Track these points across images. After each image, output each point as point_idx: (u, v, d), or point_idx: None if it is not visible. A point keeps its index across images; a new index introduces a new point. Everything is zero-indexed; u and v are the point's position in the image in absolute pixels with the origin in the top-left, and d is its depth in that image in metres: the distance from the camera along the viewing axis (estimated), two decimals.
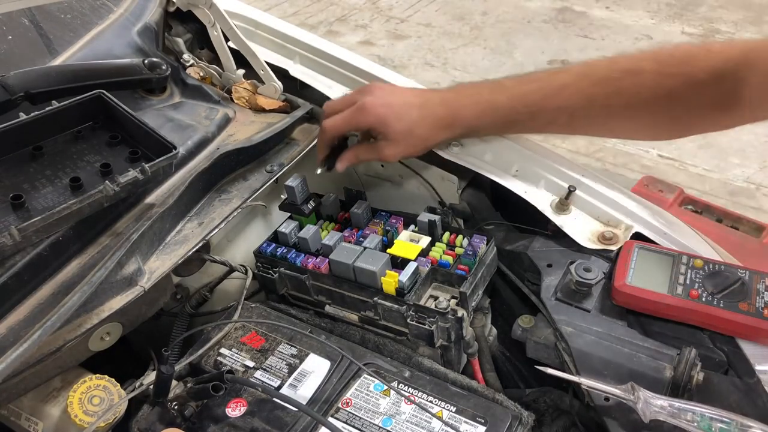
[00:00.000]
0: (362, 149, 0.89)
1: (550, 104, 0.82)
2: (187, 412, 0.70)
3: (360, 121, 0.85)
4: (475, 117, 0.85)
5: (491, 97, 0.84)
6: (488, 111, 0.84)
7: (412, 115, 0.84)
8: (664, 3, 3.82)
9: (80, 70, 0.91)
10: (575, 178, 0.87)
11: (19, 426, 0.72)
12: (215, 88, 1.04)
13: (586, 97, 0.81)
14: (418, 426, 0.67)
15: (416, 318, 0.77)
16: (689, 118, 0.80)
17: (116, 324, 0.75)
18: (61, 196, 0.73)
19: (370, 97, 0.84)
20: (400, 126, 0.83)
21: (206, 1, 1.02)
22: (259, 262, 0.87)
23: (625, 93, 0.79)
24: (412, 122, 0.84)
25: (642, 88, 0.78)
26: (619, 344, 0.73)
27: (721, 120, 0.79)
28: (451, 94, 0.87)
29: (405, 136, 0.84)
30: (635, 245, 0.80)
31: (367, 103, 0.84)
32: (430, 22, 3.85)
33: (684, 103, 0.78)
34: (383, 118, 0.83)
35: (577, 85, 0.81)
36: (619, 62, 0.81)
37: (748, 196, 2.43)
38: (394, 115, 0.83)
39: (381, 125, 0.84)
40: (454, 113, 0.85)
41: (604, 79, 0.80)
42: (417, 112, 0.84)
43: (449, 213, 0.87)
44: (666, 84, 0.77)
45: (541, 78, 0.84)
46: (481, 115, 0.84)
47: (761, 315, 0.70)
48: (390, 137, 0.84)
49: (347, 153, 0.89)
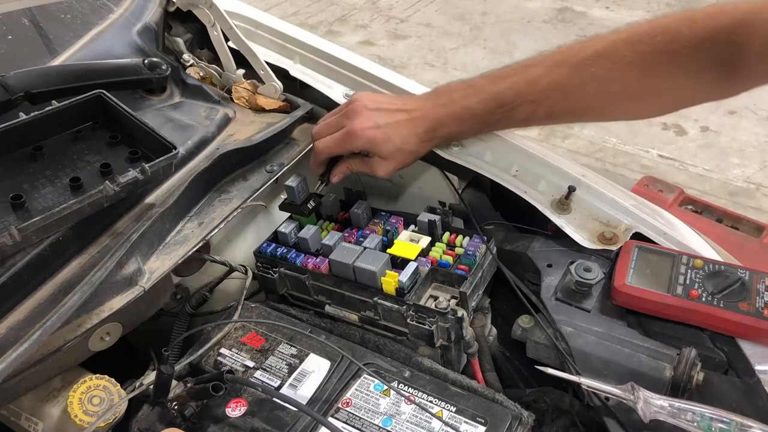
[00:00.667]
0: (355, 162, 0.90)
1: (524, 99, 0.82)
2: (187, 412, 0.70)
3: (351, 146, 0.87)
4: (454, 125, 0.86)
5: (465, 103, 0.84)
6: (465, 117, 0.85)
7: (401, 133, 0.85)
8: (664, 3, 3.83)
9: (80, 70, 0.91)
10: (575, 178, 0.87)
11: (19, 426, 0.72)
12: (215, 88, 1.04)
13: (561, 87, 0.81)
14: (418, 426, 0.67)
15: (416, 318, 0.77)
16: (673, 93, 0.80)
17: (116, 324, 0.75)
18: (61, 196, 0.73)
19: (357, 121, 0.85)
20: (391, 146, 0.85)
21: (206, 1, 1.02)
22: (259, 262, 0.87)
23: (599, 77, 0.78)
24: (402, 140, 0.85)
25: (618, 70, 0.77)
26: (619, 344, 0.73)
27: (713, 91, 0.78)
28: (429, 103, 0.87)
29: (395, 153, 0.86)
30: (635, 245, 0.80)
31: (356, 128, 0.85)
32: (430, 22, 3.85)
33: (666, 79, 0.77)
34: (373, 140, 0.85)
35: (551, 76, 0.81)
36: (591, 45, 0.80)
37: (748, 196, 2.43)
38: (383, 136, 0.85)
39: (372, 147, 0.85)
40: (435, 124, 0.86)
41: (579, 65, 0.79)
42: (404, 129, 0.85)
43: (449, 213, 0.87)
44: (645, 61, 0.76)
45: (514, 72, 0.84)
46: (458, 122, 0.85)
47: (761, 315, 0.70)
48: (382, 156, 0.86)
49: (340, 165, 0.90)
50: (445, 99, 0.86)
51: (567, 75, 0.80)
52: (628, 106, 0.84)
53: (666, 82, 0.78)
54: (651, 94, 0.80)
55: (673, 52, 0.74)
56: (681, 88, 0.79)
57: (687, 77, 0.76)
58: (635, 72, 0.77)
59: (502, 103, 0.83)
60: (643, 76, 0.77)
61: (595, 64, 0.78)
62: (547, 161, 0.89)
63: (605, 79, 0.79)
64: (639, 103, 0.83)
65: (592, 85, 0.79)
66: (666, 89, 0.79)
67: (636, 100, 0.82)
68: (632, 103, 0.83)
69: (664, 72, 0.76)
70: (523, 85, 0.82)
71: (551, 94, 0.81)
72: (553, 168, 0.89)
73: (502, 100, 0.83)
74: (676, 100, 0.82)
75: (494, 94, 0.83)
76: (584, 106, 0.84)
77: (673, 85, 0.79)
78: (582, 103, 0.83)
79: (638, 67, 0.76)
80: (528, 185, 0.90)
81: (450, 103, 0.85)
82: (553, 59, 0.82)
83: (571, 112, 0.85)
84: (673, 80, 0.77)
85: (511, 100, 0.82)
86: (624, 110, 0.87)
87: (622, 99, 0.82)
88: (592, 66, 0.78)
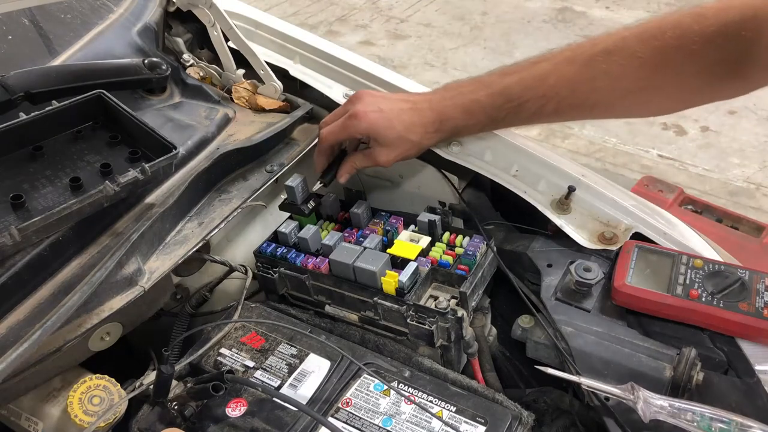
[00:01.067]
0: (358, 157, 0.89)
1: (533, 95, 0.81)
2: (187, 412, 0.70)
3: (353, 128, 0.86)
4: (461, 118, 0.85)
5: (473, 97, 0.84)
6: (473, 110, 0.84)
7: (404, 120, 0.85)
8: (663, 3, 3.83)
9: (80, 70, 0.91)
10: (575, 178, 0.87)
11: (19, 426, 0.72)
12: (215, 88, 1.04)
13: (571, 83, 0.80)
14: (418, 426, 0.67)
15: (416, 318, 0.77)
16: (683, 90, 0.79)
17: (116, 324, 0.75)
18: (61, 196, 0.73)
19: (361, 105, 0.85)
20: (393, 132, 0.84)
21: (206, 1, 1.02)
22: (259, 262, 0.87)
23: (610, 73, 0.78)
24: (404, 127, 0.85)
25: (628, 66, 0.77)
26: (619, 344, 0.73)
27: (723, 88, 0.77)
28: (437, 96, 0.87)
29: (398, 140, 0.85)
30: (635, 245, 0.80)
31: (359, 111, 0.84)
32: (430, 22, 3.85)
33: (677, 75, 0.76)
34: (375, 123, 0.84)
35: (560, 72, 0.80)
36: (601, 42, 0.79)
37: (748, 196, 2.43)
38: (385, 120, 0.84)
39: (373, 131, 0.85)
40: (441, 116, 0.85)
41: (589, 61, 0.79)
42: (408, 116, 0.85)
43: (449, 213, 0.87)
44: (656, 56, 0.75)
45: (522, 68, 0.83)
46: (466, 115, 0.85)
47: (761, 315, 0.70)
48: (383, 143, 0.85)
49: (345, 164, 0.90)
50: (452, 92, 0.86)
51: (577, 71, 0.80)
52: (638, 103, 0.84)
53: (676, 78, 0.77)
54: (661, 90, 0.80)
55: (684, 48, 0.74)
56: (691, 84, 0.78)
57: (697, 74, 0.76)
58: (645, 68, 0.77)
59: (510, 97, 0.82)
60: (653, 73, 0.77)
61: (606, 61, 0.78)
62: (547, 161, 0.89)
63: (616, 75, 0.78)
64: (648, 99, 0.82)
65: (602, 81, 0.79)
66: (676, 86, 0.79)
67: (646, 97, 0.82)
68: (642, 100, 0.82)
69: (675, 68, 0.76)
70: (531, 80, 0.82)
71: (560, 90, 0.81)
72: (553, 168, 0.89)
73: (510, 95, 0.82)
74: (685, 97, 0.81)
75: (502, 88, 0.83)
76: (593, 102, 0.83)
77: (683, 82, 0.78)
78: (591, 99, 0.82)
79: (648, 63, 0.76)
80: (528, 185, 0.90)
81: (458, 95, 0.85)
82: (563, 56, 0.81)
83: (579, 107, 0.84)
84: (683, 77, 0.77)
85: (520, 95, 0.82)
86: (634, 107, 0.86)
87: (633, 95, 0.81)
88: (603, 62, 0.78)
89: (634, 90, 0.80)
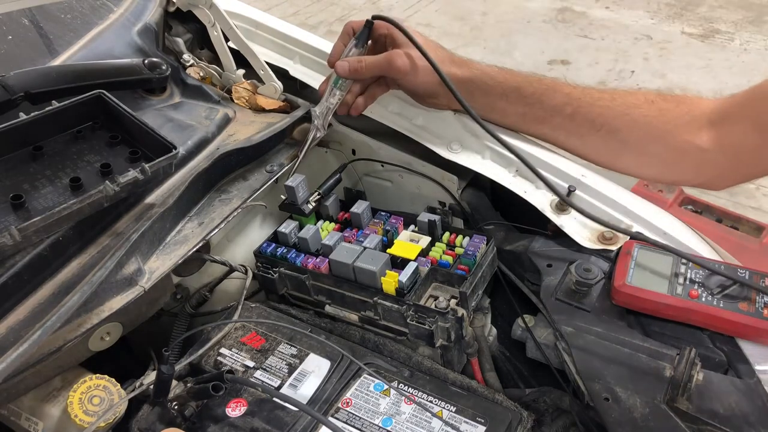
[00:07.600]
0: (380, 88, 0.97)
1: (560, 91, 0.89)
2: (187, 412, 0.70)
3: (396, 65, 0.90)
4: (488, 74, 0.92)
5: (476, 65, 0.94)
6: (502, 71, 0.92)
7: (429, 44, 0.92)
8: (663, 3, 3.83)
9: (80, 70, 0.91)
10: (575, 178, 0.87)
11: (19, 426, 0.72)
12: (215, 88, 1.04)
13: (593, 97, 0.88)
14: (418, 426, 0.67)
15: (416, 318, 0.77)
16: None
17: (116, 324, 0.75)
18: (61, 196, 0.73)
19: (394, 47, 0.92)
20: (424, 62, 0.89)
21: (206, 1, 1.02)
22: (259, 262, 0.87)
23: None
24: (428, 45, 0.91)
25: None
26: (619, 344, 0.73)
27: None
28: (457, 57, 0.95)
29: (419, 58, 0.89)
30: (635, 245, 0.80)
31: (397, 51, 0.91)
32: (430, 22, 3.85)
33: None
34: (410, 60, 0.90)
35: (583, 91, 0.89)
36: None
37: (748, 196, 2.43)
38: (418, 59, 0.90)
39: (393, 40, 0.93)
40: (468, 61, 0.94)
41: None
42: (433, 43, 0.94)
43: (449, 213, 0.87)
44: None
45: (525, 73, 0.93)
46: (493, 73, 0.92)
47: (761, 315, 0.70)
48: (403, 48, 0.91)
49: (366, 97, 0.96)
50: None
51: (608, 98, 0.89)
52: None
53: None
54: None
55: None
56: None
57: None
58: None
59: (540, 82, 0.90)
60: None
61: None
62: (547, 161, 0.89)
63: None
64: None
65: (623, 108, 0.87)
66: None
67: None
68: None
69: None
70: (555, 83, 0.90)
71: (583, 96, 0.88)
72: (553, 168, 0.89)
73: (538, 81, 0.91)
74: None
75: (531, 79, 0.92)
76: (609, 119, 0.88)
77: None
78: (607, 116, 0.88)
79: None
80: (528, 185, 0.90)
81: (486, 66, 0.93)
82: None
83: (591, 121, 0.88)
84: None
85: (547, 87, 0.90)
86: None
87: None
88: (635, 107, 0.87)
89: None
